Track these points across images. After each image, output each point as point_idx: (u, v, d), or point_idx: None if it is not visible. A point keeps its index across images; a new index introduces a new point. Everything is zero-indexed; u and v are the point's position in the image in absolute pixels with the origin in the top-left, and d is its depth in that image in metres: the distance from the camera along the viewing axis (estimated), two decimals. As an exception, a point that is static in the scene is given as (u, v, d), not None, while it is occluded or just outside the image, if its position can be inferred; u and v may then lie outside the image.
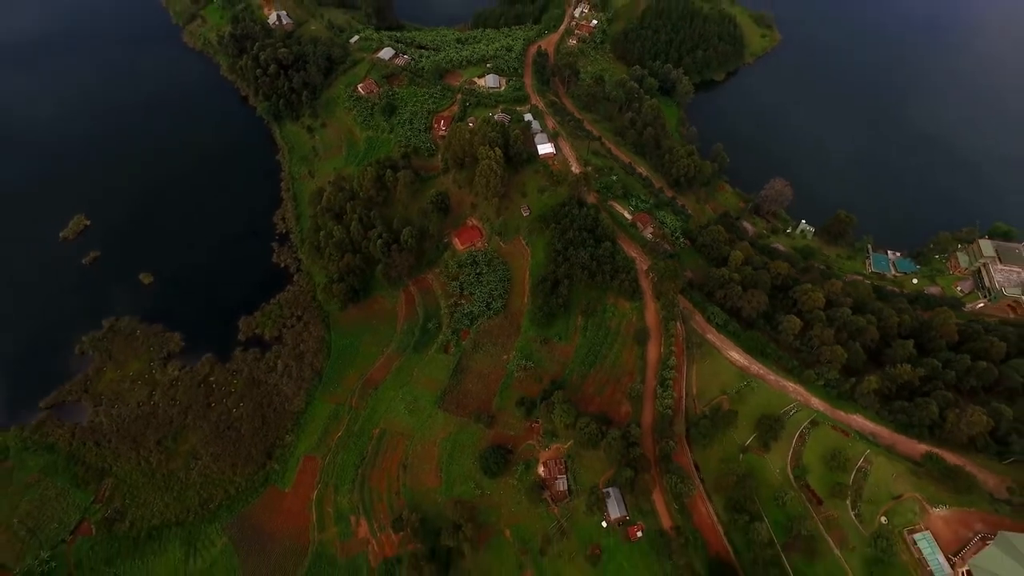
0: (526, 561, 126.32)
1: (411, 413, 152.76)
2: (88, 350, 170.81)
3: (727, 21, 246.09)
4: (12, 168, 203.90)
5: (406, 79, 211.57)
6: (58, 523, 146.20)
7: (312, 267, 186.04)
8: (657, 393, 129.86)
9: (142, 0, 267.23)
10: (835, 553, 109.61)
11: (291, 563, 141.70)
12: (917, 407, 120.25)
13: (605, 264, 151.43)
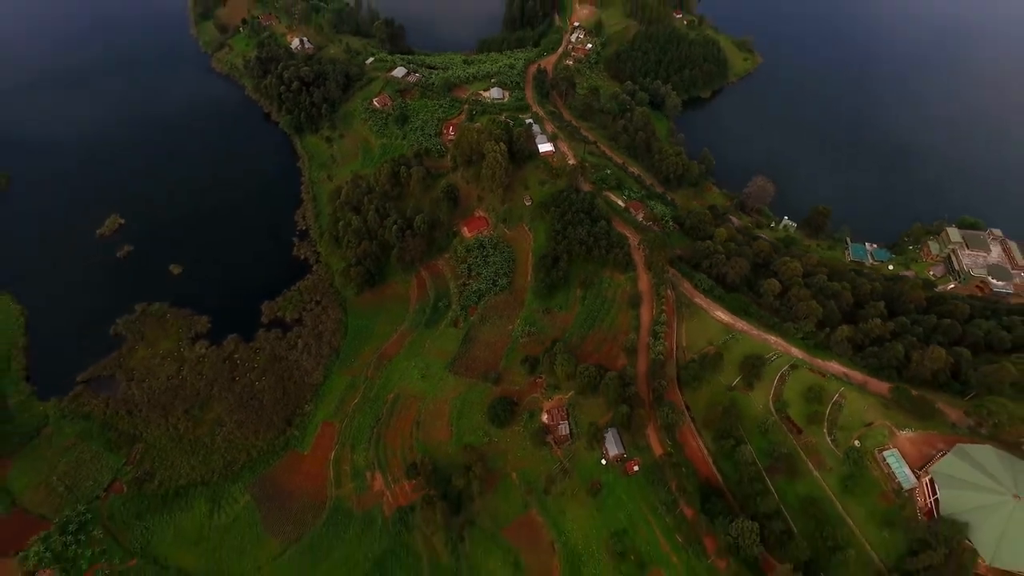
0: (531, 500, 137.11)
1: (423, 378, 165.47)
2: (122, 331, 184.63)
3: (711, 45, 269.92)
4: (56, 175, 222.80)
5: (417, 93, 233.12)
6: (92, 481, 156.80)
7: (330, 258, 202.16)
8: (650, 345, 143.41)
9: (175, 32, 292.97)
10: (814, 474, 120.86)
11: (309, 516, 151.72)
12: (885, 350, 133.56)
13: (601, 240, 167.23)
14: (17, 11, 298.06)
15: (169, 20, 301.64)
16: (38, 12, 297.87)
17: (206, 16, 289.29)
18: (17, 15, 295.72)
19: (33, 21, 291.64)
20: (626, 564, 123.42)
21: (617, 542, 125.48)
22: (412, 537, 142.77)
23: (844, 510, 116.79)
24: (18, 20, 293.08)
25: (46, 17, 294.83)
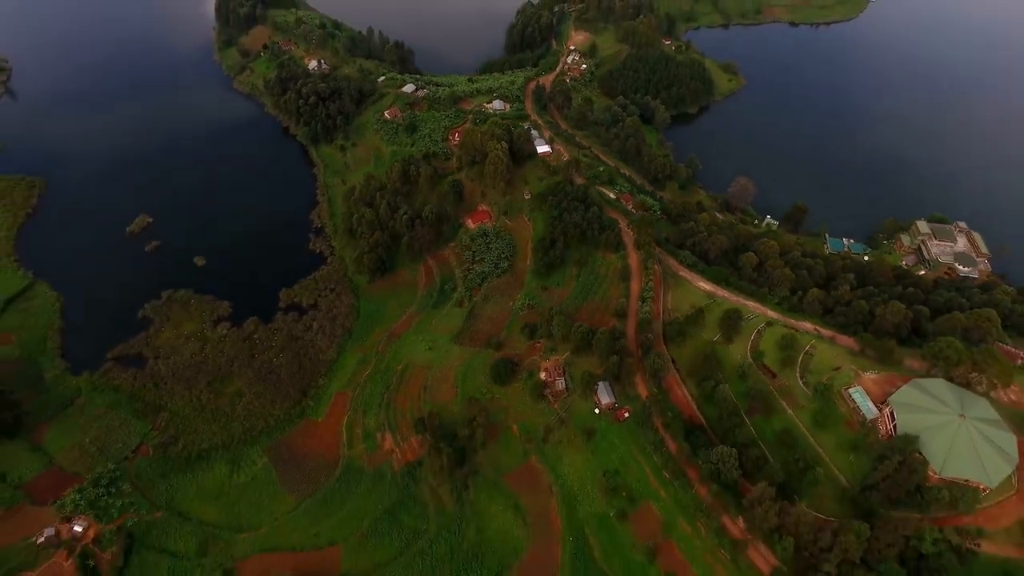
0: (530, 449, 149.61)
1: (430, 350, 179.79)
2: (149, 315, 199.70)
3: (697, 66, 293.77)
4: (89, 180, 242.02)
5: (425, 106, 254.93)
6: (121, 444, 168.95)
7: (344, 251, 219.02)
8: (638, 309, 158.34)
9: (200, 58, 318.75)
10: (787, 412, 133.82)
11: (323, 475, 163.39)
12: (851, 308, 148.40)
13: (594, 224, 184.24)
14: (64, 40, 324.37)
15: (195, 48, 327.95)
16: (81, 41, 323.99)
17: (229, 44, 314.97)
18: (63, 43, 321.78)
19: (75, 49, 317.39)
20: (618, 499, 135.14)
21: (609, 481, 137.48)
22: (419, 489, 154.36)
23: (815, 440, 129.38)
24: (63, 48, 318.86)
25: (87, 45, 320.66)
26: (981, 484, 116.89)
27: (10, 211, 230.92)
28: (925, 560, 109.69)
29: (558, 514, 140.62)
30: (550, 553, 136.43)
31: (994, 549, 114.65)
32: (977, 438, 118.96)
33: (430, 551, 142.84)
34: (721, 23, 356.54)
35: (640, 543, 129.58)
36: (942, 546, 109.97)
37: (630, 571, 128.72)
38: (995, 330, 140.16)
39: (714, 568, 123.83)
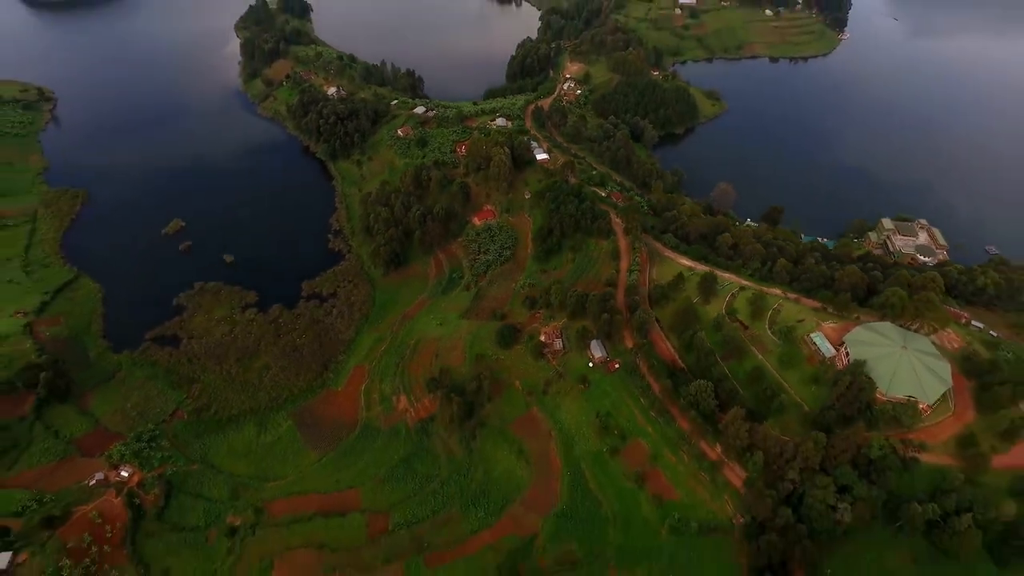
0: (532, 401, 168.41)
1: (440, 325, 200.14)
2: (183, 303, 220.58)
3: (683, 91, 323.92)
4: (128, 192, 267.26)
5: (435, 124, 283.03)
6: (159, 409, 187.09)
7: (361, 250, 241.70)
8: (627, 279, 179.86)
9: (227, 87, 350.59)
10: (758, 356, 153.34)
11: (343, 434, 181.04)
12: (814, 273, 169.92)
13: (587, 215, 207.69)
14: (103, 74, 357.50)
15: (222, 80, 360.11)
16: (118, 75, 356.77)
17: (254, 76, 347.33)
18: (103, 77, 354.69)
19: (113, 82, 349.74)
20: (610, 437, 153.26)
21: (602, 422, 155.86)
22: (432, 441, 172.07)
23: (781, 376, 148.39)
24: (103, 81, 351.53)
25: (124, 79, 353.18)
26: (921, 402, 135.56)
27: (56, 217, 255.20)
28: (874, 464, 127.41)
29: (557, 454, 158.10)
30: (550, 487, 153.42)
31: (933, 459, 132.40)
32: (917, 364, 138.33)
33: (441, 491, 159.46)
34: (705, 57, 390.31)
35: (630, 472, 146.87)
36: (887, 451, 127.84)
37: (621, 496, 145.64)
38: (938, 288, 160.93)
39: (695, 489, 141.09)
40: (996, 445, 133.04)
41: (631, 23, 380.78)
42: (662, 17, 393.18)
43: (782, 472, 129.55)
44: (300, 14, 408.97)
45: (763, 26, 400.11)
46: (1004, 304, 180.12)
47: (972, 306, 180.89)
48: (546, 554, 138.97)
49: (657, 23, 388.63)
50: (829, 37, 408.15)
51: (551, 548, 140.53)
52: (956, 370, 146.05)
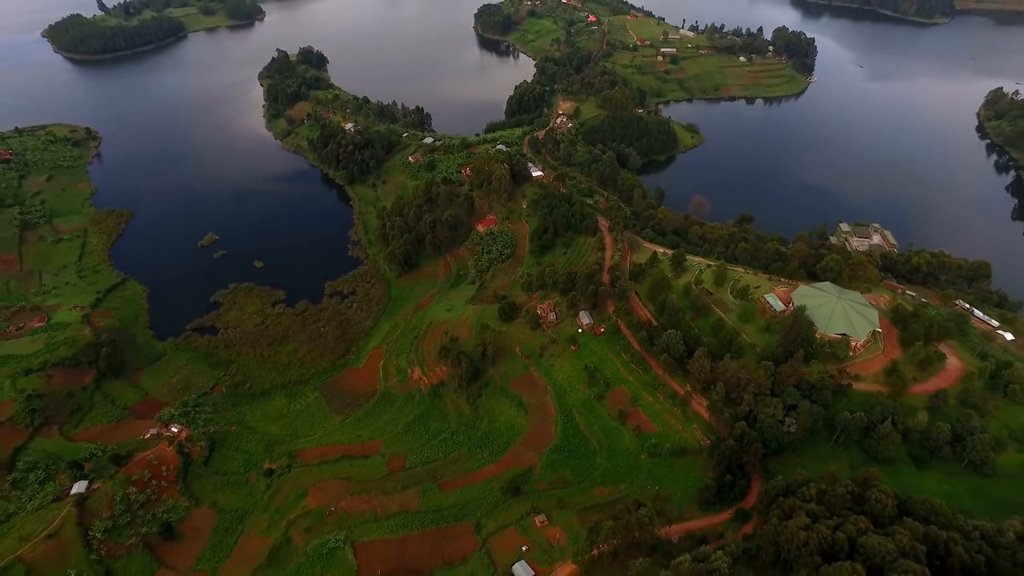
0: (529, 363, 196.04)
1: (449, 311, 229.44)
2: (219, 300, 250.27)
3: (664, 124, 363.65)
4: (168, 213, 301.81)
5: (442, 151, 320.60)
6: (200, 384, 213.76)
7: (377, 256, 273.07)
8: (611, 262, 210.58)
9: (252, 127, 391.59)
10: (720, 314, 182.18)
11: (363, 401, 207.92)
12: (770, 252, 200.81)
13: (576, 216, 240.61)
14: (140, 116, 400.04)
15: (247, 121, 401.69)
16: (153, 117, 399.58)
17: (277, 116, 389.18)
18: (140, 119, 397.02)
19: (148, 123, 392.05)
20: (597, 386, 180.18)
21: (590, 375, 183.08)
22: (443, 402, 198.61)
23: (739, 328, 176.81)
24: (140, 122, 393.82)
25: (159, 120, 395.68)
26: (853, 339, 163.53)
27: (104, 233, 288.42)
28: (814, 387, 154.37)
29: (552, 404, 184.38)
30: (545, 430, 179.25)
31: (865, 387, 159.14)
32: (849, 310, 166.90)
33: (452, 439, 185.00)
34: (686, 98, 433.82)
35: (614, 412, 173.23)
36: (825, 376, 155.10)
37: (607, 432, 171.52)
38: (873, 262, 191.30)
39: (669, 421, 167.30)
40: (916, 375, 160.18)
41: (618, 68, 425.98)
42: (646, 64, 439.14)
43: (739, 398, 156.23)
44: (317, 65, 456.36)
45: (738, 70, 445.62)
46: (936, 283, 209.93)
47: (910, 283, 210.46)
48: (543, 478, 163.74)
49: (641, 69, 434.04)
50: (798, 80, 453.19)
51: (547, 475, 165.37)
52: (886, 320, 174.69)
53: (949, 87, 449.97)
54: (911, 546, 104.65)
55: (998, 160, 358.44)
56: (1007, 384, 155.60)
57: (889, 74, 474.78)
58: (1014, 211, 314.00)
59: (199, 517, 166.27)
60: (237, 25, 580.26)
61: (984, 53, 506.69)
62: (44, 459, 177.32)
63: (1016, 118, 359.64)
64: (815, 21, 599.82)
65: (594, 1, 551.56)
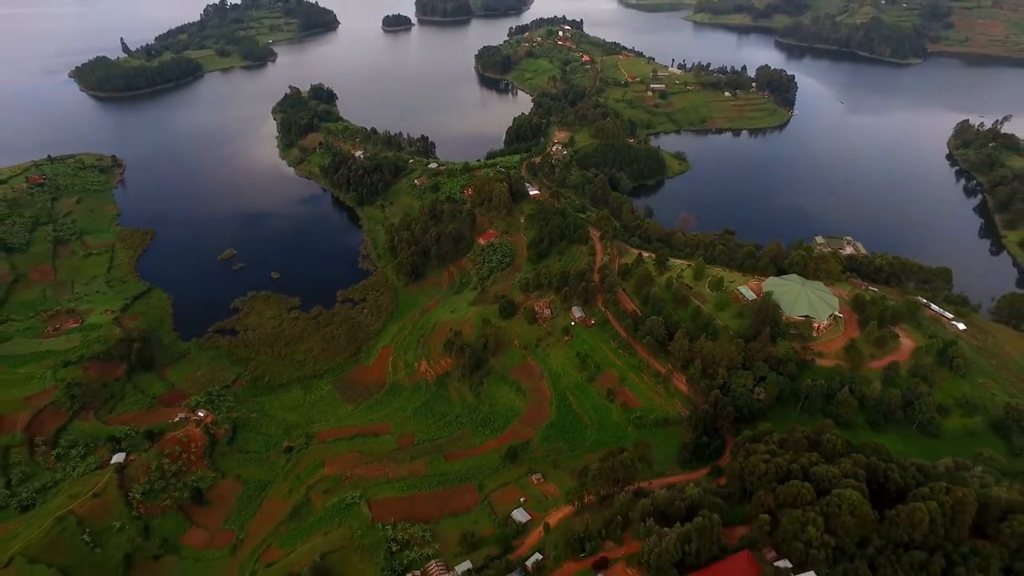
0: (527, 353, 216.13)
1: (453, 312, 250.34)
2: (239, 306, 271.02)
3: (653, 151, 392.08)
4: (190, 232, 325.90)
5: (446, 175, 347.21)
6: (223, 378, 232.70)
7: (386, 268, 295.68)
8: (600, 263, 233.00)
9: (266, 156, 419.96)
10: (698, 304, 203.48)
11: (374, 392, 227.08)
12: (742, 250, 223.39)
13: (570, 227, 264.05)
14: (161, 146, 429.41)
15: (261, 151, 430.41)
16: (174, 147, 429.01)
17: (290, 146, 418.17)
18: (161, 148, 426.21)
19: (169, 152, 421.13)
20: (588, 370, 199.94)
21: (582, 361, 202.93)
22: (447, 390, 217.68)
23: (716, 316, 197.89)
24: (161, 151, 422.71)
25: (179, 150, 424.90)
26: (815, 320, 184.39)
27: (130, 248, 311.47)
28: (780, 362, 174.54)
29: (547, 387, 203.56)
30: (542, 410, 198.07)
31: (827, 363, 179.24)
32: (812, 296, 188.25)
33: (456, 421, 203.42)
34: (674, 129, 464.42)
35: (603, 392, 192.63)
36: (791, 352, 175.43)
37: (597, 409, 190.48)
38: (837, 259, 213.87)
39: (653, 397, 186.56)
40: (873, 352, 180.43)
41: (610, 103, 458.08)
42: (636, 98, 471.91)
43: (714, 372, 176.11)
44: (327, 100, 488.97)
45: (723, 104, 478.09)
46: (899, 283, 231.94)
47: (874, 282, 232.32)
48: (539, 449, 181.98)
49: (632, 103, 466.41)
50: (780, 113, 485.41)
51: (543, 446, 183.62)
52: (847, 307, 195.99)
53: (921, 120, 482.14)
54: (853, 471, 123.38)
55: (966, 184, 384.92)
56: (952, 359, 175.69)
57: (866, 109, 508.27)
58: (980, 229, 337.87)
59: (225, 487, 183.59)
60: (250, 66, 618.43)
61: (953, 91, 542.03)
62: (83, 437, 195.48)
63: (980, 147, 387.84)
64: (798, 62, 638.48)
65: (588, 42, 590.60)
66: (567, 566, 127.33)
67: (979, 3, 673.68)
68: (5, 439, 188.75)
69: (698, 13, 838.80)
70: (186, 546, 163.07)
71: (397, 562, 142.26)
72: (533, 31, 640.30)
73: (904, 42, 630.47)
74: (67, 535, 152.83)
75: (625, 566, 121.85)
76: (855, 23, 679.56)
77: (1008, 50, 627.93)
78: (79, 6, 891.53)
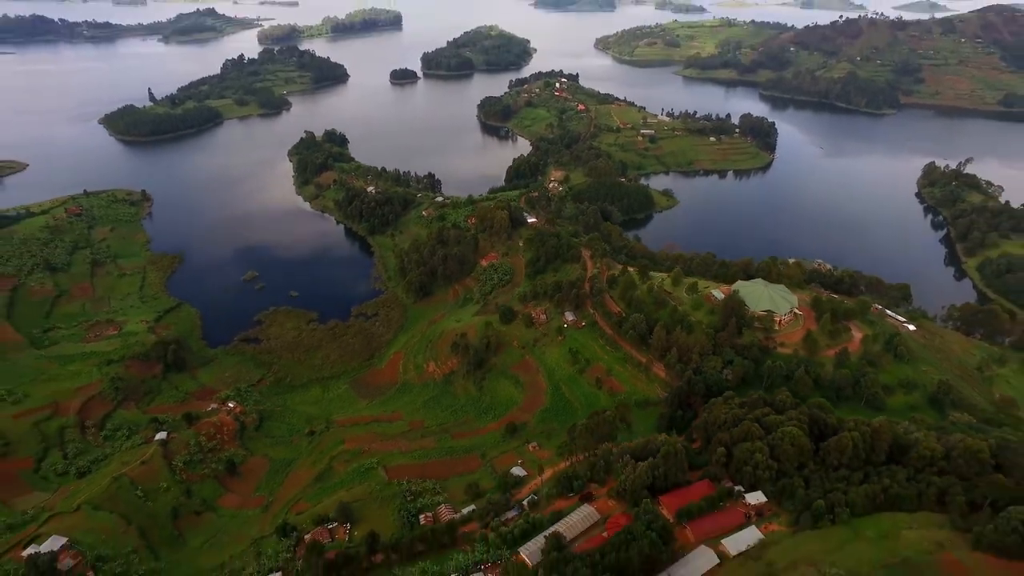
0: (525, 352, 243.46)
1: (458, 322, 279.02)
2: (261, 319, 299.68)
3: (643, 188, 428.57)
4: (214, 256, 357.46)
5: (451, 207, 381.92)
6: (248, 378, 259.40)
7: (397, 288, 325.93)
8: (590, 275, 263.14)
9: (283, 193, 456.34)
10: (676, 305, 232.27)
11: (387, 389, 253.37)
12: (716, 263, 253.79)
13: (563, 247, 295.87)
14: (186, 184, 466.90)
15: (278, 189, 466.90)
16: (197, 186, 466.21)
17: (306, 183, 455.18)
18: (186, 185, 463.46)
19: (193, 188, 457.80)
20: (578, 364, 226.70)
21: (573, 356, 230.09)
22: (453, 386, 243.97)
23: (690, 313, 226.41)
24: (186, 188, 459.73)
25: (201, 186, 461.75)
26: (776, 315, 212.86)
27: (160, 270, 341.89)
28: (746, 348, 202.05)
29: (543, 380, 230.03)
30: (537, 398, 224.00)
31: (786, 351, 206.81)
32: (774, 294, 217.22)
33: (461, 410, 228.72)
34: (663, 171, 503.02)
35: (592, 381, 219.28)
36: (755, 340, 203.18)
37: (586, 396, 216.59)
38: (800, 270, 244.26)
39: (636, 383, 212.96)
40: (828, 343, 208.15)
41: (603, 146, 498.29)
42: (627, 142, 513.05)
43: (688, 359, 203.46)
44: (340, 144, 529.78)
45: (708, 148, 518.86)
46: (858, 293, 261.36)
47: (838, 292, 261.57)
48: (535, 428, 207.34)
49: (624, 147, 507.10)
50: (762, 156, 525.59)
51: (539, 426, 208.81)
52: (806, 307, 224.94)
53: (894, 164, 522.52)
54: (798, 417, 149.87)
55: (933, 219, 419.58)
56: (897, 348, 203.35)
57: (843, 153, 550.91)
58: (945, 257, 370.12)
59: (254, 463, 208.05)
60: (266, 114, 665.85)
61: (923, 138, 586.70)
62: (126, 423, 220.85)
63: (945, 185, 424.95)
64: (781, 112, 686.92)
65: (583, 93, 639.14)
66: (557, 502, 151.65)
67: (946, 61, 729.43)
68: (61, 421, 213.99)
69: (687, 68, 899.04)
70: (222, 507, 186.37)
71: (411, 506, 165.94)
72: (532, 83, 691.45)
73: (879, 94, 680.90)
74: (123, 491, 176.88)
75: (607, 498, 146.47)
76: (833, 77, 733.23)
77: (974, 103, 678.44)
78: (104, 62, 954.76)
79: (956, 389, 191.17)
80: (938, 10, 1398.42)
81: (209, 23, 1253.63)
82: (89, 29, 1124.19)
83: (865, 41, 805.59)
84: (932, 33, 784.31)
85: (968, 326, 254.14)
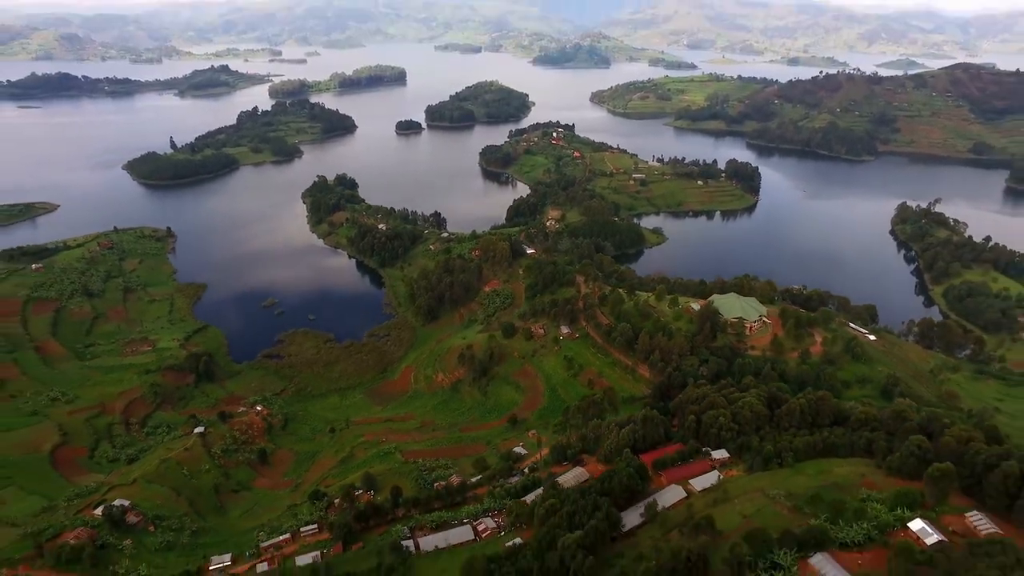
0: (525, 361, 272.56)
1: (464, 339, 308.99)
2: (282, 339, 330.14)
3: (634, 226, 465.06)
4: (236, 286, 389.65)
5: (456, 241, 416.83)
6: (272, 387, 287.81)
7: (407, 313, 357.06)
8: (583, 294, 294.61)
9: (298, 232, 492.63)
10: (659, 317, 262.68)
11: (399, 397, 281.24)
12: (696, 284, 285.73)
13: (560, 273, 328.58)
14: (205, 224, 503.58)
15: (293, 228, 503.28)
16: (218, 225, 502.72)
17: (319, 222, 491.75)
18: (205, 226, 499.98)
19: (213, 227, 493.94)
20: (573, 369, 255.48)
21: (568, 363, 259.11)
22: (460, 393, 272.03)
23: (671, 323, 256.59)
24: (207, 228, 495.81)
25: (221, 226, 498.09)
26: (747, 321, 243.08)
27: (187, 297, 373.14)
28: (720, 349, 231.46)
29: (541, 384, 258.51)
30: (536, 400, 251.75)
31: (755, 353, 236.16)
32: (744, 303, 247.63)
33: (467, 412, 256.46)
34: (653, 211, 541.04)
35: (585, 383, 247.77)
36: (727, 343, 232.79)
37: (579, 394, 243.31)
38: (772, 288, 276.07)
39: (624, 383, 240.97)
40: (793, 346, 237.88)
41: (597, 189, 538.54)
42: (620, 186, 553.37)
43: (669, 359, 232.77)
44: (351, 187, 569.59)
45: (696, 190, 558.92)
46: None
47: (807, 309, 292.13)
48: (534, 423, 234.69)
49: (616, 189, 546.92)
50: (747, 198, 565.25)
51: (537, 422, 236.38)
52: (775, 316, 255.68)
53: (870, 205, 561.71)
54: (756, 394, 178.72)
55: (906, 253, 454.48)
56: (854, 349, 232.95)
57: (824, 195, 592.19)
58: (916, 286, 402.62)
59: (282, 454, 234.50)
60: (279, 160, 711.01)
61: (898, 182, 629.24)
62: (166, 422, 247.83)
63: (915, 222, 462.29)
64: (766, 159, 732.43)
65: (579, 142, 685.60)
66: (554, 468, 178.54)
67: (920, 112, 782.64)
68: (108, 418, 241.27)
69: (678, 119, 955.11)
70: (257, 487, 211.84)
71: (427, 477, 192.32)
72: (530, 133, 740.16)
73: (857, 143, 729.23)
74: (170, 470, 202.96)
75: (596, 463, 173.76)
76: (815, 127, 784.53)
77: (947, 151, 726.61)
78: (124, 114, 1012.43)
79: (905, 383, 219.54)
80: (913, 67, 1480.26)
81: (223, 78, 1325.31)
82: (110, 85, 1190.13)
83: (844, 94, 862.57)
84: (906, 88, 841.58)
85: (927, 340, 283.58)
